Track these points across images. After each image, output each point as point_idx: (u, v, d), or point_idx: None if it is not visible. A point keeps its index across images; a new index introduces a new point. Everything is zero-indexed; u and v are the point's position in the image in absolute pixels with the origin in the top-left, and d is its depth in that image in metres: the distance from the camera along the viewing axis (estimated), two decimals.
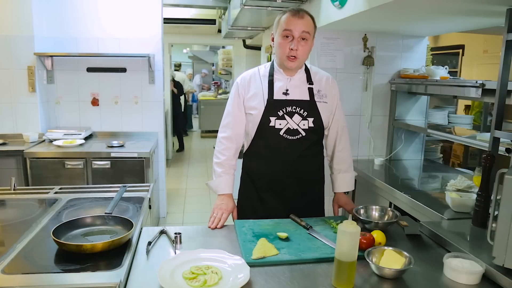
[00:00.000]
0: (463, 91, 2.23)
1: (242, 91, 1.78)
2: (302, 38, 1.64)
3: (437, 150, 3.42)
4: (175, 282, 1.15)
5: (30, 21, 3.39)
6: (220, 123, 1.85)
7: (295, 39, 1.63)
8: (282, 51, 1.68)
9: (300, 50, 1.65)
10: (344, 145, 1.89)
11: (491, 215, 1.31)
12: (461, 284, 1.20)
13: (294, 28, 1.62)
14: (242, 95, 1.78)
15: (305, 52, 1.68)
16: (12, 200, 1.84)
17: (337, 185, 1.91)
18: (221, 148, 1.82)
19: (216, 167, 1.82)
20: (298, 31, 1.63)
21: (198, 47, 12.97)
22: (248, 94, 1.77)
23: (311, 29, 1.66)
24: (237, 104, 1.79)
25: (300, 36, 1.64)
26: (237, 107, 1.79)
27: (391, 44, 3.12)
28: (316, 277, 1.24)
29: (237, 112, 1.79)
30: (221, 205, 1.75)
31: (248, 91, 1.77)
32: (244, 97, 1.78)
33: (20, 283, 1.12)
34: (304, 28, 1.63)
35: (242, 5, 3.45)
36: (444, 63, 4.42)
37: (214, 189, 1.83)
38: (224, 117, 1.84)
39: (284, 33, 1.64)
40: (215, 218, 1.67)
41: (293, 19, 1.63)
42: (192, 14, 6.28)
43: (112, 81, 3.84)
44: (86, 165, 3.19)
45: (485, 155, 1.62)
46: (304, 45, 1.66)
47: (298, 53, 1.65)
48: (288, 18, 1.64)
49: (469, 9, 2.13)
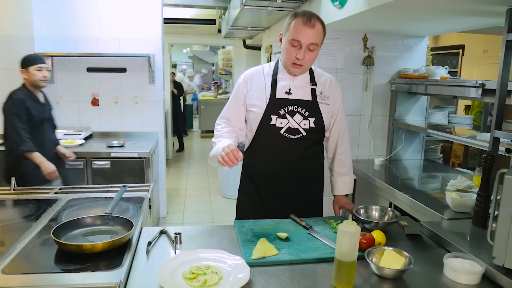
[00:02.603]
0: (463, 91, 2.23)
1: (244, 88, 1.79)
2: (309, 49, 1.64)
3: (437, 150, 3.43)
4: (175, 282, 1.15)
5: (30, 21, 3.39)
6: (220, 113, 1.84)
7: (303, 49, 1.63)
8: (288, 58, 1.68)
9: (306, 59, 1.65)
10: (345, 148, 1.90)
11: (491, 215, 1.31)
12: (461, 284, 1.20)
13: (302, 39, 1.61)
14: (244, 93, 1.78)
15: (310, 60, 1.68)
16: (12, 200, 1.84)
17: (337, 187, 1.92)
18: (219, 127, 1.78)
19: (214, 139, 1.72)
20: (306, 43, 1.61)
21: (198, 47, 12.96)
22: (251, 92, 1.77)
23: (319, 39, 1.65)
24: (238, 100, 1.79)
25: (308, 47, 1.63)
26: (236, 104, 1.80)
27: (391, 44, 3.12)
28: (316, 277, 1.23)
29: (235, 108, 1.80)
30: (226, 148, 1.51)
31: (251, 89, 1.77)
32: (246, 95, 1.78)
33: (20, 283, 1.12)
34: (313, 40, 1.61)
35: (242, 5, 3.45)
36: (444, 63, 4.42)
37: (215, 152, 1.60)
38: (223, 110, 1.84)
39: (292, 42, 1.63)
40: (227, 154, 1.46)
41: (303, 29, 1.60)
42: (192, 14, 6.28)
43: (112, 81, 3.85)
44: (86, 165, 3.19)
45: (485, 155, 1.62)
46: (310, 54, 1.65)
47: (304, 61, 1.65)
48: (299, 26, 1.60)
49: (469, 9, 2.13)
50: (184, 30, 7.22)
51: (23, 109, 2.66)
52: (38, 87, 2.77)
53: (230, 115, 1.81)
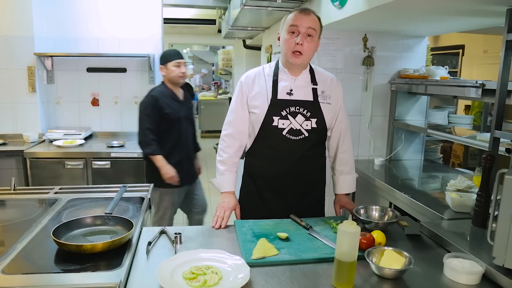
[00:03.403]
0: (463, 91, 2.23)
1: (246, 89, 1.79)
2: (308, 35, 1.65)
3: (437, 150, 3.42)
4: (175, 282, 1.15)
5: (30, 21, 3.39)
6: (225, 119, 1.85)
7: (301, 34, 1.64)
8: (287, 47, 1.68)
9: (306, 45, 1.66)
10: (346, 147, 1.89)
11: (491, 215, 1.31)
12: (461, 284, 1.20)
13: (300, 23, 1.64)
14: (245, 94, 1.78)
15: (310, 48, 1.68)
16: (12, 200, 1.84)
17: (338, 187, 1.91)
18: (224, 146, 1.82)
19: (219, 165, 1.83)
20: (304, 27, 1.64)
21: (198, 47, 12.97)
22: (252, 93, 1.77)
23: (317, 26, 1.68)
24: (240, 102, 1.79)
25: (306, 32, 1.65)
26: (240, 106, 1.79)
27: (391, 44, 3.12)
28: (316, 277, 1.23)
29: (240, 110, 1.79)
30: (223, 203, 1.75)
31: (252, 90, 1.77)
32: (248, 96, 1.78)
33: (20, 283, 1.12)
34: (310, 24, 1.65)
35: (242, 5, 3.45)
36: (444, 63, 4.42)
37: (217, 187, 1.82)
38: (227, 115, 1.84)
39: (290, 28, 1.66)
40: (218, 218, 1.67)
41: (299, 15, 1.65)
42: (192, 14, 6.29)
43: (112, 81, 3.84)
44: (86, 165, 3.19)
45: (485, 155, 1.62)
46: (310, 41, 1.66)
47: (304, 48, 1.66)
48: (295, 15, 1.67)
49: (469, 9, 2.13)
50: (184, 30, 7.23)
51: (157, 108, 2.64)
52: (176, 84, 2.73)
53: (235, 118, 1.80)
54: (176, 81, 2.71)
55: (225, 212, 1.70)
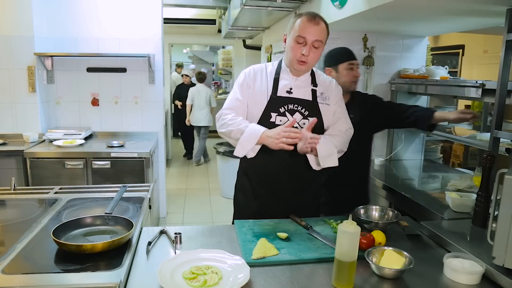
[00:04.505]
0: (463, 91, 2.23)
1: (249, 81, 1.78)
2: (314, 46, 1.66)
3: (437, 150, 3.43)
4: (175, 282, 1.15)
5: (30, 21, 3.39)
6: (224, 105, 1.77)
7: (308, 45, 1.65)
8: (293, 55, 1.69)
9: (311, 56, 1.67)
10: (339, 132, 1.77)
11: (491, 215, 1.31)
12: (461, 284, 1.20)
13: (307, 36, 1.63)
14: (248, 84, 1.77)
15: (315, 58, 1.70)
16: (12, 200, 1.84)
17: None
18: (231, 115, 1.72)
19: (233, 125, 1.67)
20: (311, 40, 1.64)
21: (198, 47, 12.96)
22: (253, 87, 1.77)
23: (324, 37, 1.68)
24: (243, 89, 1.77)
25: (313, 44, 1.65)
26: (241, 92, 1.77)
27: (391, 44, 3.12)
28: (316, 277, 1.24)
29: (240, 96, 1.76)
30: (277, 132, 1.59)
31: (254, 84, 1.78)
32: (251, 86, 1.77)
33: (20, 283, 1.12)
34: (318, 37, 1.64)
35: (242, 5, 3.46)
36: (444, 63, 4.43)
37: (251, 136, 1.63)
38: (229, 101, 1.78)
39: (297, 38, 1.65)
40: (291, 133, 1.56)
41: (308, 25, 1.63)
42: (192, 14, 6.29)
43: (112, 81, 3.84)
44: (86, 165, 3.19)
45: (485, 155, 1.62)
46: (315, 52, 1.67)
47: (309, 58, 1.67)
48: (304, 23, 1.64)
49: (469, 9, 2.13)
50: (184, 30, 7.23)
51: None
52: (347, 91, 2.10)
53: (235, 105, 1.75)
54: (348, 87, 2.09)
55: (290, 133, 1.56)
